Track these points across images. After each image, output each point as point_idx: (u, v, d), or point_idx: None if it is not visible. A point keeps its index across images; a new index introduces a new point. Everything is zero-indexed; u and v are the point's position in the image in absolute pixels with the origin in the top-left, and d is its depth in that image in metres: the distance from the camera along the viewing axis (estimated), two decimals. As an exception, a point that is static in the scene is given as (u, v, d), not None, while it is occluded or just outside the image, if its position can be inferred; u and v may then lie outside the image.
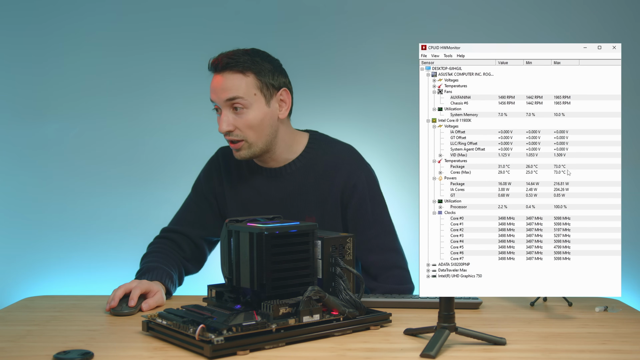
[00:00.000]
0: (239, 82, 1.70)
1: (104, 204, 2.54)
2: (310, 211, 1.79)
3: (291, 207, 1.79)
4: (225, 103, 1.70)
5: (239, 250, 1.39)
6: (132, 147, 2.56)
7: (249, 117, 1.71)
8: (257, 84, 1.72)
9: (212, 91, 1.72)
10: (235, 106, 1.70)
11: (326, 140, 1.86)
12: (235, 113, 1.71)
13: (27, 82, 2.53)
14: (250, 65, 1.71)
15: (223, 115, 1.71)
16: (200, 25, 2.55)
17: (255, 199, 1.83)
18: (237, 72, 1.70)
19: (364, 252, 1.78)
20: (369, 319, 1.41)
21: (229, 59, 1.71)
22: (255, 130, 1.72)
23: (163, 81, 2.55)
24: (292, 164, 1.81)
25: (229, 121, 1.70)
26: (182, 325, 1.27)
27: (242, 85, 1.70)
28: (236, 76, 1.70)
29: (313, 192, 1.79)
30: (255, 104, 1.71)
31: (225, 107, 1.71)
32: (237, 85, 1.70)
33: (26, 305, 1.69)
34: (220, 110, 1.72)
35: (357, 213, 1.79)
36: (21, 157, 2.54)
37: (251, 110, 1.71)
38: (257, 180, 1.83)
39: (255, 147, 1.74)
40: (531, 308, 1.62)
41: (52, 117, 2.53)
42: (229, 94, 1.69)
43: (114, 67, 2.54)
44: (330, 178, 1.79)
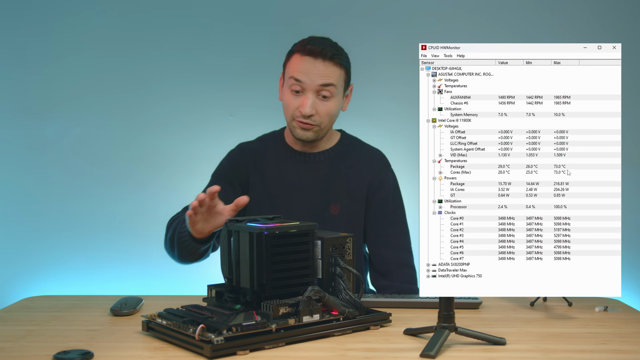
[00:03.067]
0: (337, 73, 1.79)
1: (103, 204, 2.54)
2: (336, 200, 1.85)
3: (317, 193, 1.85)
4: (316, 87, 1.77)
5: (239, 250, 1.39)
6: (132, 147, 2.56)
7: (331, 105, 1.80)
8: (344, 78, 1.83)
9: (305, 73, 1.77)
10: (324, 94, 1.78)
11: (356, 139, 1.97)
12: (319, 99, 1.78)
13: (26, 82, 2.53)
14: (345, 61, 1.83)
15: (308, 99, 1.77)
16: (200, 25, 2.55)
17: (279, 183, 1.86)
18: (338, 64, 1.79)
19: (380, 246, 1.86)
20: (369, 319, 1.41)
21: (336, 50, 1.80)
22: (330, 118, 1.82)
23: (163, 81, 2.55)
24: (326, 152, 1.89)
25: (313, 105, 1.78)
26: (182, 325, 1.27)
27: (337, 76, 1.79)
28: (336, 67, 1.79)
29: (342, 182, 1.86)
30: (337, 96, 1.81)
31: (312, 91, 1.77)
32: (335, 75, 1.79)
33: (26, 305, 1.69)
34: (303, 92, 1.78)
35: (380, 208, 1.87)
36: (21, 157, 2.53)
37: (333, 100, 1.80)
38: (286, 164, 1.88)
39: (321, 133, 1.83)
40: (531, 308, 1.62)
41: (51, 117, 2.53)
42: (326, 80, 1.77)
43: (113, 67, 2.54)
44: (360, 171, 1.88)
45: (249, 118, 2.55)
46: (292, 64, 1.80)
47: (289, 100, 1.80)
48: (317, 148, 1.89)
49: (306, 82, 1.77)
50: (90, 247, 2.54)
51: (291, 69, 1.79)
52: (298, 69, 1.77)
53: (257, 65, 2.55)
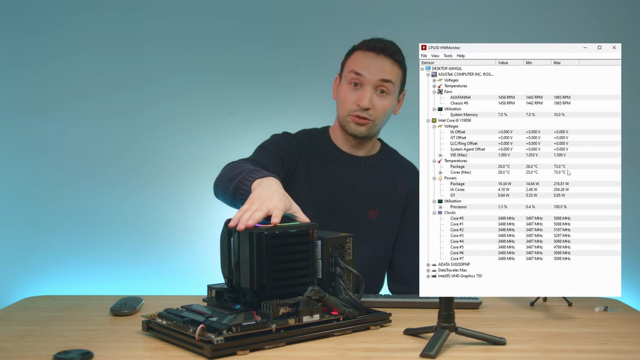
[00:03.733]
0: (396, 71, 1.84)
1: (104, 204, 2.54)
2: (375, 205, 1.89)
3: (359, 196, 1.88)
4: (375, 82, 1.81)
5: (239, 250, 1.39)
6: (132, 147, 2.56)
7: (387, 103, 1.84)
8: (401, 79, 1.88)
9: (366, 67, 1.81)
10: (382, 89, 1.82)
11: (395, 150, 2.02)
12: (377, 94, 1.82)
13: (26, 81, 2.53)
14: (404, 62, 1.87)
15: (366, 92, 1.81)
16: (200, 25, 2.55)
17: (324, 181, 1.88)
18: (397, 62, 1.84)
19: (406, 254, 1.91)
20: (369, 319, 1.41)
21: (397, 49, 1.85)
22: (384, 116, 1.85)
23: (163, 81, 2.55)
24: (371, 158, 1.93)
25: (371, 99, 1.81)
26: (182, 325, 1.27)
27: (396, 74, 1.84)
28: (396, 65, 1.84)
29: (383, 188, 1.91)
30: (394, 94, 1.86)
31: (371, 86, 1.81)
32: (395, 72, 1.84)
33: (26, 305, 1.69)
34: (362, 86, 1.82)
35: (412, 219, 1.92)
36: (21, 157, 2.53)
37: (390, 98, 1.84)
38: (332, 163, 1.90)
39: (374, 129, 1.86)
40: (531, 308, 1.62)
41: (51, 116, 2.53)
42: (386, 75, 1.81)
43: (113, 66, 2.54)
44: (400, 181, 1.94)
45: (249, 118, 2.54)
46: (353, 60, 1.85)
47: (347, 94, 1.84)
48: (363, 151, 1.93)
49: (366, 76, 1.80)
50: (90, 247, 2.54)
51: (352, 64, 1.84)
52: (359, 63, 1.82)
53: (257, 65, 2.55)
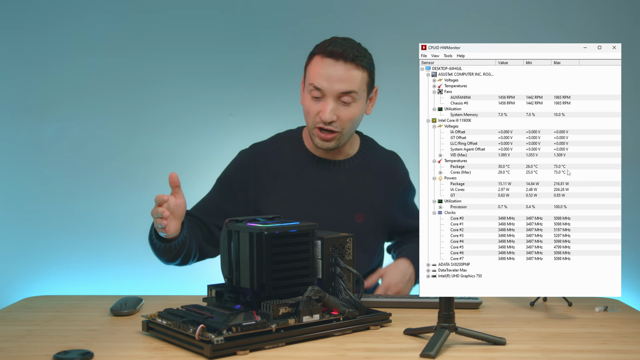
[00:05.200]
0: (359, 77, 1.71)
1: (104, 204, 2.54)
2: (361, 209, 1.81)
3: (343, 202, 1.80)
4: (337, 94, 1.69)
5: (239, 250, 1.39)
6: (132, 147, 2.56)
7: (353, 111, 1.72)
8: (367, 82, 1.74)
9: (326, 78, 1.68)
10: (345, 99, 1.70)
11: (374, 142, 1.93)
12: (340, 104, 1.71)
13: (26, 82, 2.53)
14: (369, 63, 1.73)
15: (328, 105, 1.69)
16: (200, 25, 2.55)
17: (303, 190, 1.80)
18: (360, 66, 1.70)
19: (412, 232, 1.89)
20: (369, 319, 1.41)
21: (358, 52, 1.70)
22: (352, 124, 1.75)
23: (163, 81, 2.55)
24: (350, 161, 1.84)
25: (334, 111, 1.70)
26: (182, 325, 1.27)
27: (359, 80, 1.71)
28: (358, 71, 1.70)
29: (367, 191, 1.83)
30: (360, 100, 1.73)
31: (333, 96, 1.69)
32: (358, 80, 1.70)
33: (26, 305, 1.69)
34: (323, 97, 1.70)
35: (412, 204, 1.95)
36: (21, 157, 2.53)
37: (356, 105, 1.72)
38: (309, 170, 1.82)
39: (343, 139, 1.76)
40: (531, 308, 1.62)
41: (51, 117, 2.53)
42: (348, 87, 1.69)
43: (113, 67, 2.54)
44: (385, 180, 1.86)
45: (249, 118, 2.54)
46: (312, 68, 1.72)
47: (309, 105, 1.73)
48: (340, 155, 1.83)
49: (326, 89, 1.68)
50: (90, 247, 2.54)
51: (311, 74, 1.71)
52: (318, 74, 1.69)
53: (257, 65, 2.55)
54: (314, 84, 1.70)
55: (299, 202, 1.78)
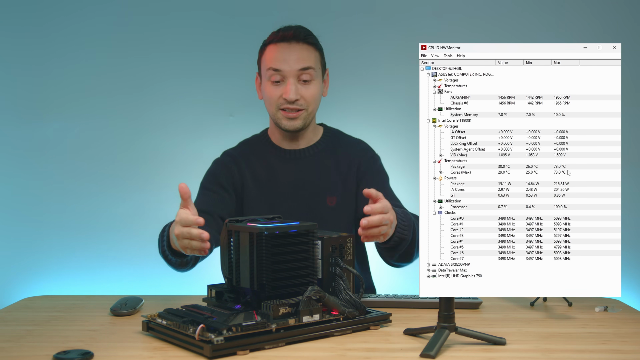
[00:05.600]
0: (313, 54, 1.80)
1: (104, 204, 2.54)
2: (331, 192, 1.85)
3: (313, 188, 1.85)
4: (296, 72, 1.77)
5: (239, 250, 1.39)
6: (132, 148, 2.56)
7: (313, 89, 1.80)
8: (320, 61, 1.83)
9: (283, 60, 1.77)
10: (305, 77, 1.78)
11: (339, 131, 1.97)
12: (301, 84, 1.78)
13: (27, 82, 2.53)
14: (318, 42, 1.83)
15: (290, 85, 1.77)
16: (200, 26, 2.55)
17: (273, 183, 1.85)
18: (311, 45, 1.80)
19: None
20: (368, 319, 1.41)
21: (307, 32, 1.81)
22: (314, 102, 1.82)
23: (163, 81, 2.55)
24: (314, 147, 1.89)
25: (296, 90, 1.77)
26: (182, 325, 1.27)
27: (313, 58, 1.80)
28: (311, 48, 1.80)
29: (334, 173, 1.87)
30: (317, 79, 1.81)
31: (293, 76, 1.77)
32: (312, 57, 1.80)
33: (26, 305, 1.69)
34: (284, 80, 1.78)
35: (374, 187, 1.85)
36: (21, 157, 2.53)
37: (315, 83, 1.80)
38: (277, 163, 1.87)
39: (308, 118, 1.82)
40: (531, 308, 1.62)
41: (52, 117, 2.53)
42: (305, 63, 1.78)
43: (114, 67, 2.54)
44: (351, 162, 1.88)
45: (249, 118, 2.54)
46: (267, 56, 1.80)
47: (271, 91, 1.79)
48: (304, 143, 1.88)
49: (285, 69, 1.76)
50: (90, 247, 2.54)
51: (267, 60, 1.79)
52: (275, 58, 1.77)
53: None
54: (273, 67, 1.77)
55: (270, 195, 1.84)
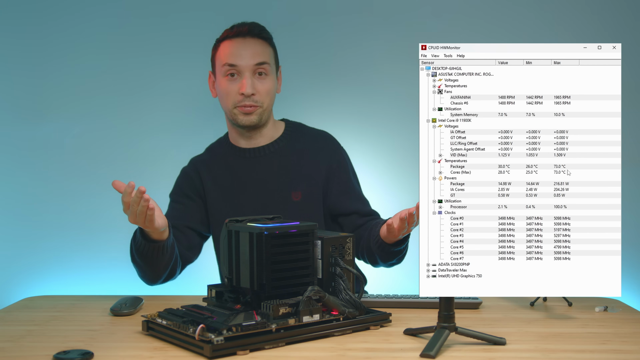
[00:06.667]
0: (268, 50, 1.82)
1: (104, 204, 2.54)
2: (295, 187, 1.84)
3: (276, 184, 1.84)
4: (252, 67, 1.78)
5: (239, 250, 1.39)
6: (132, 148, 2.56)
7: (269, 83, 1.81)
8: (274, 56, 1.85)
9: (238, 55, 1.78)
10: (260, 71, 1.79)
11: (301, 124, 1.96)
12: (256, 79, 1.79)
13: (27, 83, 2.53)
14: (272, 39, 1.85)
15: (246, 79, 1.78)
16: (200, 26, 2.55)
17: (234, 184, 1.85)
18: (266, 40, 1.83)
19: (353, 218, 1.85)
20: (368, 318, 1.41)
21: (261, 28, 1.83)
22: (270, 97, 1.82)
23: (163, 82, 2.55)
24: (275, 143, 1.88)
25: (253, 84, 1.78)
26: (182, 325, 1.27)
27: (268, 53, 1.82)
28: (265, 44, 1.82)
29: (298, 168, 1.85)
30: (272, 74, 1.83)
31: (249, 71, 1.78)
32: (266, 52, 1.82)
33: (26, 305, 1.69)
34: (239, 75, 1.79)
35: (344, 186, 1.88)
36: (21, 157, 2.53)
37: (270, 78, 1.82)
38: (237, 164, 1.87)
39: (264, 114, 1.82)
40: (531, 308, 1.62)
41: (52, 117, 2.53)
42: (260, 58, 1.79)
43: (114, 68, 2.54)
44: (314, 155, 1.87)
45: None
46: (222, 52, 1.81)
47: (226, 87, 1.80)
48: (264, 140, 1.87)
49: (241, 64, 1.77)
50: (90, 247, 2.54)
51: (222, 56, 1.80)
52: (231, 53, 1.78)
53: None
54: (229, 63, 1.78)
55: (235, 196, 1.84)
